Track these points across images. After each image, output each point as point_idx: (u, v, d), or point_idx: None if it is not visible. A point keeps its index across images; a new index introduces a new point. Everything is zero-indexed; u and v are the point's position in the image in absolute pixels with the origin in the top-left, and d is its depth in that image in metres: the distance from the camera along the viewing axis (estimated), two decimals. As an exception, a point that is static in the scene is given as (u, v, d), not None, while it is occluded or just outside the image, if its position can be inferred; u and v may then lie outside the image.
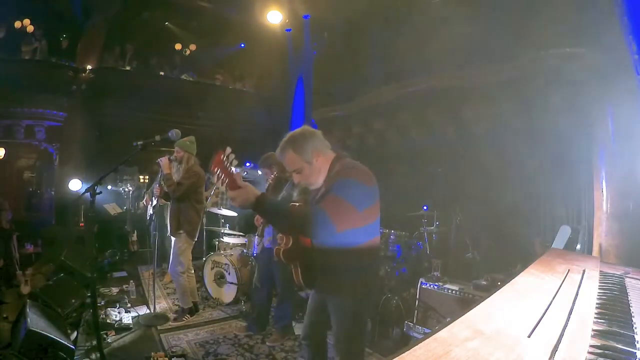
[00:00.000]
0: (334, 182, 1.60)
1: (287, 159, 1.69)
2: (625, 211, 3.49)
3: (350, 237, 1.61)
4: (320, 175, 1.70)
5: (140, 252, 6.35)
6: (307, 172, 1.68)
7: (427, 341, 0.70)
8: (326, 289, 1.75)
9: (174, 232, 3.54)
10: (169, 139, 2.79)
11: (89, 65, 6.64)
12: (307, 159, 1.66)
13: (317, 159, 1.67)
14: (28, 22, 6.57)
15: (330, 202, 1.51)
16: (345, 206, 1.52)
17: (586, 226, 4.12)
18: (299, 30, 7.29)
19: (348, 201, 1.53)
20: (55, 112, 6.33)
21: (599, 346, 0.77)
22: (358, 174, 1.63)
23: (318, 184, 1.72)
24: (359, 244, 1.65)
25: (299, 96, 7.77)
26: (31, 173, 8.08)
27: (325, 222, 1.46)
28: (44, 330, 2.30)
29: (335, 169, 1.68)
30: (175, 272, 3.57)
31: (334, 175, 1.65)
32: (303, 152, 1.65)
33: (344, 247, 1.62)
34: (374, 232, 1.74)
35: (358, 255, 1.66)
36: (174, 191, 3.44)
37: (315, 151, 1.67)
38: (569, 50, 3.40)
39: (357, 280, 1.68)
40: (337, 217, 1.49)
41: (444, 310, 3.15)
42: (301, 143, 1.66)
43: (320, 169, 1.69)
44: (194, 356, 2.92)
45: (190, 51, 8.52)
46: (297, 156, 1.66)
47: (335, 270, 1.67)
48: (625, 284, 1.34)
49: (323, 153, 1.70)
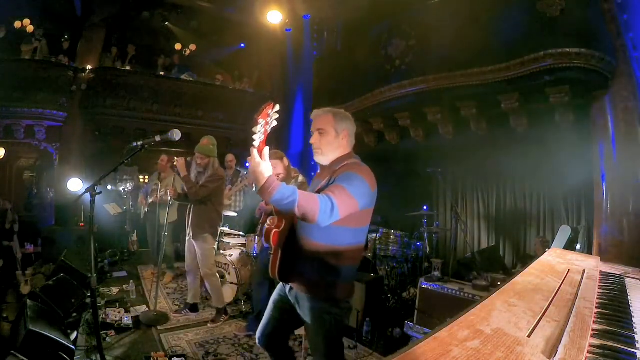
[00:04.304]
0: (341, 174, 1.60)
1: (322, 118, 1.74)
2: (625, 211, 3.49)
3: (343, 235, 1.59)
4: (333, 152, 1.72)
5: (140, 252, 6.36)
6: (328, 139, 1.71)
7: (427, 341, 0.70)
8: (306, 285, 1.65)
9: (198, 235, 3.47)
10: (169, 139, 2.78)
11: (89, 65, 6.65)
12: (337, 130, 1.72)
13: (344, 138, 1.74)
14: (28, 22, 6.57)
15: (337, 190, 1.49)
16: (349, 198, 1.51)
17: (586, 226, 4.12)
18: (299, 30, 7.30)
19: (352, 194, 1.52)
20: (55, 112, 6.33)
21: (599, 346, 0.77)
22: (364, 173, 1.63)
23: (325, 158, 1.73)
24: (349, 245, 1.63)
25: (299, 96, 7.77)
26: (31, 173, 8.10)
27: (329, 208, 1.42)
28: (44, 330, 2.29)
29: (343, 162, 1.70)
30: (207, 274, 3.55)
31: (342, 168, 1.65)
32: (339, 122, 1.73)
33: (335, 244, 1.59)
34: (363, 237, 1.72)
35: (345, 256, 1.63)
36: (195, 194, 3.36)
37: (347, 131, 1.75)
38: (569, 50, 3.40)
39: (339, 282, 1.63)
40: (342, 206, 1.47)
41: (444, 310, 3.15)
42: (343, 117, 1.76)
43: (338, 147, 1.73)
44: (194, 356, 2.92)
45: (190, 51, 8.53)
46: (333, 121, 1.72)
47: (319, 267, 1.61)
48: (625, 284, 1.34)
49: (349, 140, 1.77)
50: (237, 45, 8.71)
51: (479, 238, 5.62)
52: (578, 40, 3.39)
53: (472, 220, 5.70)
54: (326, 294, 1.63)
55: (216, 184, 3.45)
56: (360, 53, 5.60)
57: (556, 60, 3.46)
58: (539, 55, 3.54)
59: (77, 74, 6.52)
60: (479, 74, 4.00)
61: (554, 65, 3.48)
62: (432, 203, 5.79)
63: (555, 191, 4.72)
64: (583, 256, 1.84)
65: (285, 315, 1.80)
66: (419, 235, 4.79)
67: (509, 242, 5.28)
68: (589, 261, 1.68)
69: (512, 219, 5.23)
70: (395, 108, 5.07)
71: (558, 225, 4.57)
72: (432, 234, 4.93)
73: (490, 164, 5.22)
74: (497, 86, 3.96)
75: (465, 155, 5.36)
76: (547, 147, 4.45)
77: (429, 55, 4.49)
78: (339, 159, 1.73)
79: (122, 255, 5.87)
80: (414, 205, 5.13)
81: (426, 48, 4.56)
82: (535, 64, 3.59)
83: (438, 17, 4.47)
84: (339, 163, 1.71)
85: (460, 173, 5.73)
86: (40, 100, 6.17)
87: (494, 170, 5.31)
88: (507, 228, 5.31)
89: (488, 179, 5.49)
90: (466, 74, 4.09)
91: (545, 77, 3.61)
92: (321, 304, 1.64)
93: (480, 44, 3.99)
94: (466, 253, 5.14)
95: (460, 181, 5.82)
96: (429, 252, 4.65)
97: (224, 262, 4.12)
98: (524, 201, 5.12)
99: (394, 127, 5.53)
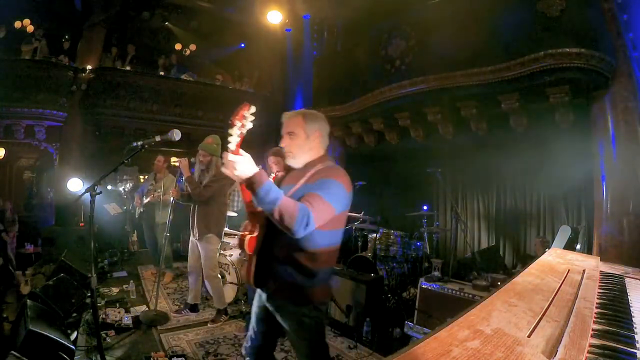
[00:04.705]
0: (317, 180, 1.59)
1: (292, 120, 1.72)
2: (625, 211, 3.49)
3: (318, 238, 1.58)
4: (304, 155, 1.70)
5: (140, 252, 6.36)
6: (298, 141, 1.69)
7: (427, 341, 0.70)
8: (283, 291, 1.63)
9: (203, 235, 3.44)
10: (169, 139, 2.78)
11: (89, 65, 6.65)
12: (307, 132, 1.70)
13: (314, 140, 1.71)
14: (28, 22, 6.58)
15: (314, 200, 1.48)
16: (326, 206, 1.51)
17: (586, 226, 4.12)
18: (299, 30, 7.30)
19: (329, 201, 1.52)
20: (55, 112, 6.33)
21: (599, 346, 0.77)
22: (340, 177, 1.62)
23: (297, 161, 1.71)
24: (325, 247, 1.62)
25: (299, 96, 7.77)
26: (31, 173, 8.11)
27: (305, 221, 1.42)
28: (44, 330, 2.29)
29: (317, 167, 1.68)
30: (210, 276, 3.53)
31: (316, 175, 1.64)
32: (309, 123, 1.71)
33: (310, 247, 1.58)
34: (338, 238, 1.71)
35: (321, 258, 1.62)
36: (199, 194, 3.34)
37: (318, 132, 1.72)
38: (569, 50, 3.40)
39: (316, 285, 1.62)
40: (319, 217, 1.47)
41: (444, 310, 3.15)
42: (313, 118, 1.74)
43: (309, 149, 1.71)
44: (194, 356, 2.92)
45: (190, 51, 8.53)
46: (303, 123, 1.70)
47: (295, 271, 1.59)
48: (625, 284, 1.34)
49: (321, 141, 1.75)
50: (237, 45, 8.71)
51: (479, 238, 5.63)
52: (578, 40, 3.39)
53: (472, 220, 5.71)
54: (304, 297, 1.61)
55: (220, 183, 3.42)
56: (360, 53, 5.60)
57: (556, 60, 3.46)
58: (539, 55, 3.54)
59: (77, 74, 6.52)
60: (479, 74, 4.00)
61: (554, 65, 3.48)
62: (432, 203, 5.80)
63: (555, 191, 4.72)
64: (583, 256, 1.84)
65: (267, 326, 1.78)
66: (419, 235, 4.79)
67: (509, 242, 5.29)
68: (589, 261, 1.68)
69: (512, 219, 5.24)
70: (395, 108, 5.07)
71: (558, 225, 4.58)
72: (432, 234, 4.94)
73: (490, 163, 5.23)
74: (497, 86, 3.96)
75: (465, 155, 5.37)
76: (547, 147, 4.45)
77: (429, 55, 4.49)
78: (312, 162, 1.71)
79: (122, 255, 5.87)
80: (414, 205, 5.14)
81: (426, 48, 4.56)
82: (535, 64, 3.59)
83: (438, 17, 4.47)
84: (313, 167, 1.68)
85: (461, 173, 5.73)
86: (40, 100, 6.16)
87: (494, 170, 5.32)
88: (507, 228, 5.31)
89: (488, 178, 5.49)
90: (466, 74, 4.09)
91: (545, 77, 3.61)
92: (300, 308, 1.62)
93: (480, 44, 3.99)
94: (466, 253, 5.15)
95: (460, 181, 5.83)
96: (429, 252, 4.65)
97: (224, 262, 4.12)
98: (524, 201, 5.13)
99: (394, 127, 5.54)
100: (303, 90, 7.59)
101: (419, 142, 5.40)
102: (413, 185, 6.04)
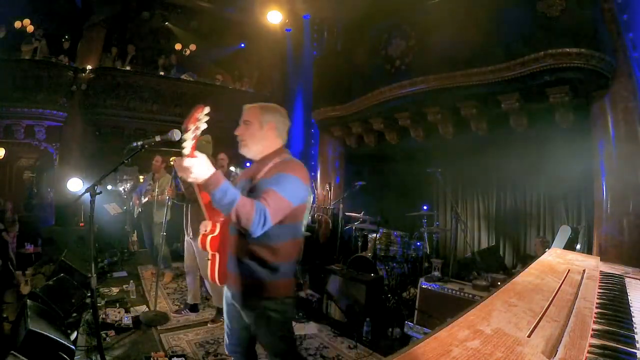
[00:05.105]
0: (273, 175, 1.60)
1: (250, 110, 1.75)
2: (625, 211, 3.49)
3: (279, 232, 1.59)
4: (256, 144, 1.72)
5: (140, 252, 6.36)
6: (252, 130, 1.71)
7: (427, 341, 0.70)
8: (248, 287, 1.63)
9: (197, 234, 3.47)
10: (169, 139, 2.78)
11: (89, 65, 6.65)
12: (261, 122, 1.72)
13: (268, 131, 1.73)
14: (28, 22, 6.58)
15: (270, 197, 1.49)
16: (283, 201, 1.52)
17: (586, 226, 4.12)
18: (299, 30, 7.30)
19: (285, 197, 1.53)
20: (55, 112, 6.34)
21: (599, 346, 0.77)
22: (296, 171, 1.64)
23: (250, 150, 1.73)
24: (286, 241, 1.64)
25: (299, 96, 7.78)
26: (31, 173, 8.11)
27: (262, 220, 1.43)
28: (44, 330, 2.29)
29: (274, 160, 1.69)
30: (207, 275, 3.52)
31: (272, 169, 1.65)
32: (264, 114, 1.73)
33: (272, 242, 1.59)
34: (299, 231, 1.73)
35: (283, 253, 1.64)
36: (192, 193, 3.35)
37: (273, 124, 1.74)
38: (569, 50, 3.40)
39: (281, 279, 1.64)
40: (275, 214, 1.48)
41: (444, 310, 3.15)
42: (270, 110, 1.77)
43: (262, 138, 1.72)
44: (194, 356, 2.92)
45: (190, 51, 8.53)
46: (259, 113, 1.73)
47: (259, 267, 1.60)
48: (625, 284, 1.34)
49: (276, 133, 1.76)
50: (237, 45, 8.71)
51: (479, 238, 5.62)
52: (578, 40, 3.39)
53: (472, 220, 5.70)
54: (269, 292, 1.62)
55: None
56: (360, 53, 5.60)
57: (556, 60, 3.46)
58: (539, 55, 3.54)
59: (77, 74, 6.52)
60: (479, 74, 4.00)
61: (554, 65, 3.48)
62: (432, 203, 5.79)
63: (555, 191, 4.72)
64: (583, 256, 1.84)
65: (239, 323, 1.78)
66: (419, 235, 4.79)
67: (509, 242, 5.29)
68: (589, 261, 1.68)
69: (512, 219, 5.23)
70: (395, 108, 5.07)
71: (558, 225, 4.58)
72: (432, 234, 4.93)
73: (490, 163, 5.23)
74: (497, 86, 3.96)
75: (465, 155, 5.36)
76: (547, 147, 4.45)
77: (429, 55, 4.48)
78: (268, 155, 1.72)
79: (122, 255, 5.87)
80: (414, 205, 5.13)
81: (426, 48, 4.56)
82: (535, 64, 3.59)
83: (438, 17, 4.47)
84: (270, 160, 1.70)
85: (461, 173, 5.73)
86: (40, 100, 6.17)
87: (494, 170, 5.32)
88: (507, 228, 5.31)
89: (488, 178, 5.49)
90: (466, 74, 4.09)
91: (545, 77, 3.61)
92: (265, 302, 1.62)
93: (480, 44, 3.99)
94: (466, 253, 5.14)
95: (460, 181, 5.82)
96: (429, 252, 4.65)
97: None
98: (524, 201, 5.12)
99: (394, 127, 5.53)
100: (303, 90, 7.60)
101: (419, 142, 5.39)
102: (413, 185, 6.04)
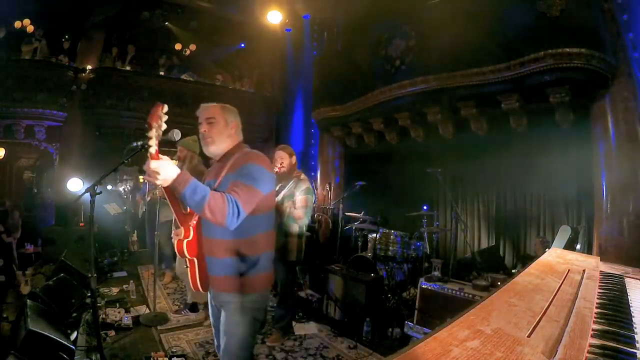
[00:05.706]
0: (238, 168, 1.62)
1: (210, 108, 1.75)
2: (625, 211, 3.49)
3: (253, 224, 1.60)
4: (224, 142, 1.73)
5: (140, 252, 6.36)
6: (219, 127, 1.72)
7: (427, 341, 0.70)
8: (228, 285, 1.64)
9: None
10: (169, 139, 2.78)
11: (89, 65, 6.65)
12: (227, 120, 1.75)
13: (232, 129, 1.76)
14: (28, 22, 6.58)
15: (239, 189, 1.50)
16: (253, 191, 1.54)
17: (586, 226, 4.12)
18: (299, 30, 7.30)
19: (254, 186, 1.55)
20: (55, 112, 6.33)
21: (599, 346, 0.77)
22: (260, 160, 1.67)
23: (217, 147, 1.73)
24: (260, 232, 1.66)
25: (299, 96, 7.77)
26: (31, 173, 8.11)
27: (236, 212, 1.44)
28: (44, 330, 2.30)
29: (235, 155, 1.70)
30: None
31: (235, 163, 1.66)
32: (228, 114, 1.76)
33: (247, 236, 1.60)
34: (271, 222, 1.75)
35: (259, 245, 1.66)
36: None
37: (235, 123, 1.78)
38: (569, 50, 3.40)
39: (259, 273, 1.65)
40: (246, 204, 1.50)
41: (444, 310, 3.15)
42: (231, 110, 1.80)
43: (228, 136, 1.74)
44: (194, 356, 2.91)
45: (190, 51, 8.53)
46: (222, 111, 1.75)
47: (237, 263, 1.61)
48: (625, 284, 1.34)
49: (237, 132, 1.79)
50: (237, 45, 8.71)
51: (479, 238, 5.62)
52: (578, 40, 3.39)
53: (472, 220, 5.70)
54: (249, 287, 1.64)
55: None
56: (360, 53, 5.60)
57: (556, 60, 3.46)
58: (539, 55, 3.54)
59: (77, 74, 6.52)
60: (479, 74, 4.00)
61: (554, 65, 3.48)
62: (432, 203, 5.79)
63: (555, 191, 4.71)
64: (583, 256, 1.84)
65: None
66: (419, 235, 4.78)
67: (509, 242, 5.28)
68: (589, 261, 1.68)
69: (512, 219, 5.23)
70: (395, 108, 5.07)
71: (558, 225, 4.57)
72: (432, 234, 4.93)
73: (490, 164, 5.22)
74: (497, 86, 3.96)
75: (465, 155, 5.36)
76: (547, 147, 4.45)
77: (428, 55, 4.48)
78: (230, 151, 1.74)
79: (122, 255, 5.87)
80: (414, 205, 5.13)
81: (426, 48, 4.56)
82: (535, 64, 3.59)
83: (438, 17, 4.47)
84: (231, 156, 1.71)
85: (460, 173, 5.72)
86: (40, 100, 6.17)
87: (494, 170, 5.31)
88: (507, 228, 5.31)
89: (488, 179, 5.48)
90: (466, 74, 4.09)
91: (545, 77, 3.61)
92: (243, 297, 1.63)
93: (480, 44, 3.99)
94: (466, 253, 5.14)
95: (460, 181, 5.82)
96: (429, 252, 4.64)
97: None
98: (524, 201, 5.12)
99: (394, 127, 5.53)
100: (303, 90, 7.60)
101: (419, 142, 5.39)
102: (413, 185, 6.03)
